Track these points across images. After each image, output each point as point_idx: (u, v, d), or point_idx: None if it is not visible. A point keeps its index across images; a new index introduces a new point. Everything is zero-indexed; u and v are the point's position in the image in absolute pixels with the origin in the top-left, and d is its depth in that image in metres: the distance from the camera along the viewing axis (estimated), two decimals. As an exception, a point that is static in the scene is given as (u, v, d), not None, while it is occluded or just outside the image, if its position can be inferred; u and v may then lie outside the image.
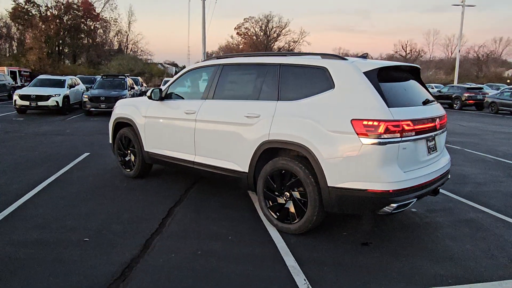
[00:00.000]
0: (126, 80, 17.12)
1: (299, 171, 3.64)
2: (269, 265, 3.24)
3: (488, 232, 3.98)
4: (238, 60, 4.55)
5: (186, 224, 4.07)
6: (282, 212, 3.88)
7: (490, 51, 58.54)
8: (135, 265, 3.20)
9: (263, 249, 3.54)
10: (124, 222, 4.12)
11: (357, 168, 3.33)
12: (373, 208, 3.39)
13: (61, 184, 5.46)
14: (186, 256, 3.37)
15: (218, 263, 3.26)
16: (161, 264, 3.22)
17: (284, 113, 3.80)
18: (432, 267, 3.25)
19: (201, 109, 4.57)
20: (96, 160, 7.01)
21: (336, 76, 3.59)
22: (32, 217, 4.19)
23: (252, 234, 3.85)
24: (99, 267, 3.16)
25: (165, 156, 5.10)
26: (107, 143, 8.68)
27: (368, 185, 3.30)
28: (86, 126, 11.96)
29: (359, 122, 3.31)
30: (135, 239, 3.71)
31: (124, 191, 5.20)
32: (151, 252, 3.43)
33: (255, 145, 3.97)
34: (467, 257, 3.43)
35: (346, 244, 3.67)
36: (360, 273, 3.12)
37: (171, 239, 3.71)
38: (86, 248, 3.50)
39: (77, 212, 4.37)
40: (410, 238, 3.84)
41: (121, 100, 6.32)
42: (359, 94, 3.45)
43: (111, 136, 6.09)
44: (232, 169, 4.26)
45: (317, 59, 3.87)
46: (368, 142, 3.27)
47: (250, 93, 4.26)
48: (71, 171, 6.17)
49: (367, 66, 3.57)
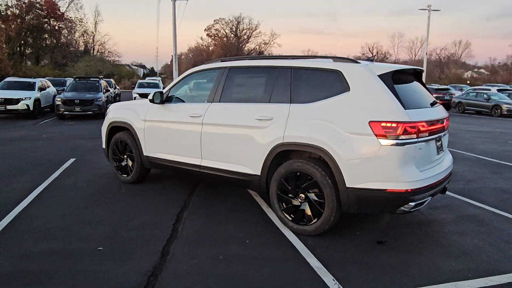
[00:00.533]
0: (101, 82, 16.64)
1: (316, 172, 3.69)
2: (293, 267, 3.26)
3: (491, 227, 4.19)
4: (245, 63, 4.54)
5: (199, 229, 4.02)
6: (297, 214, 3.91)
7: (451, 53, 61.48)
8: (159, 273, 3.13)
9: (283, 251, 3.56)
10: (135, 229, 4.01)
11: (375, 168, 3.42)
12: (392, 208, 3.49)
13: (55, 191, 5.24)
14: (209, 262, 3.33)
15: (243, 267, 3.25)
16: (187, 271, 3.17)
17: (299, 116, 3.83)
18: (448, 262, 3.38)
19: (208, 112, 4.53)
20: (85, 166, 6.77)
21: (351, 79, 3.66)
22: (35, 228, 4.00)
23: (268, 237, 3.86)
24: (123, 277, 3.07)
25: (167, 160, 5.01)
26: (92, 148, 8.46)
27: (387, 185, 3.40)
28: (62, 131, 11.51)
29: (377, 124, 3.40)
30: (151, 246, 3.62)
31: (124, 197, 5.06)
32: (172, 259, 3.37)
33: (268, 148, 3.98)
34: (478, 251, 3.60)
35: (362, 243, 3.75)
36: (384, 271, 3.20)
37: (188, 245, 3.66)
38: (102, 257, 3.39)
39: (81, 221, 4.21)
40: (420, 235, 3.97)
41: (115, 104, 6.15)
42: (375, 96, 3.54)
43: (105, 141, 5.91)
44: (242, 172, 4.24)
45: (329, 62, 3.93)
46: (387, 143, 3.36)
47: (261, 96, 4.27)
48: (61, 178, 5.93)
49: (381, 69, 3.67)
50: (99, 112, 14.75)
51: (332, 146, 3.55)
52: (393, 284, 2.99)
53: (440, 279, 3.09)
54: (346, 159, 3.50)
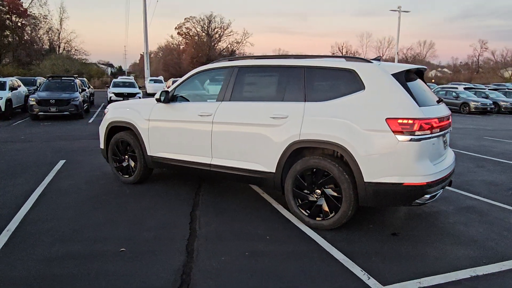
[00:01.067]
0: (76, 81, 16.13)
1: (333, 168, 3.81)
2: (320, 261, 3.36)
3: (491, 217, 4.47)
4: (256, 62, 4.59)
5: (217, 227, 4.05)
6: (313, 209, 4.01)
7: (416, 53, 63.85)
8: (190, 271, 3.15)
9: (305, 246, 3.65)
10: (152, 229, 3.99)
11: (393, 163, 3.58)
12: (408, 200, 3.66)
13: (55, 194, 5.10)
14: (237, 258, 3.38)
15: (271, 262, 3.32)
16: (217, 268, 3.20)
17: (315, 114, 3.94)
18: (461, 250, 3.60)
19: (218, 111, 4.55)
20: (79, 168, 6.60)
21: (366, 78, 3.81)
22: (47, 231, 3.90)
23: (287, 233, 3.95)
24: (155, 276, 3.06)
25: (173, 160, 4.99)
26: (79, 149, 8.24)
27: (404, 179, 3.57)
28: (40, 132, 11.10)
29: (394, 120, 3.56)
30: (174, 245, 3.62)
31: (130, 198, 4.99)
32: (199, 257, 3.39)
33: (283, 145, 4.06)
34: (485, 239, 3.85)
35: (377, 235, 3.91)
36: (405, 261, 3.36)
37: (211, 243, 3.68)
38: (127, 258, 3.36)
39: (93, 223, 4.14)
40: (428, 226, 4.19)
41: (113, 104, 6.04)
42: (390, 94, 3.70)
43: (104, 142, 5.79)
44: (256, 170, 4.31)
45: (342, 61, 4.06)
46: (404, 139, 3.53)
47: (274, 95, 4.35)
48: (57, 180, 5.76)
49: (394, 68, 3.84)
50: (76, 112, 14.34)
51: (350, 143, 3.69)
52: (417, 272, 3.15)
53: (458, 266, 3.28)
54: (364, 155, 3.64)
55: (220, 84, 5.07)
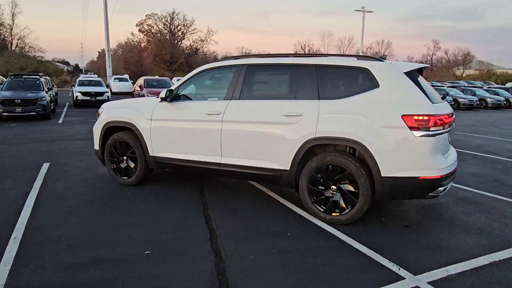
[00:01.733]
0: (41, 80, 15.35)
1: (350, 164, 3.92)
2: (347, 254, 3.45)
3: (487, 206, 4.78)
4: (265, 60, 4.60)
5: (234, 226, 4.04)
6: (329, 205, 4.10)
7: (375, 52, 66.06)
8: (224, 271, 3.13)
9: (327, 240, 3.73)
10: (170, 231, 3.92)
11: (409, 158, 3.74)
12: (423, 193, 3.83)
13: (52, 199, 4.86)
14: (266, 256, 3.40)
15: (300, 258, 3.36)
16: (251, 266, 3.21)
17: (330, 111, 4.02)
18: (473, 239, 3.82)
19: (228, 109, 4.53)
20: (67, 170, 6.31)
21: (380, 76, 3.94)
22: (57, 238, 3.72)
23: (304, 229, 4.01)
24: (189, 277, 3.03)
25: (178, 160, 4.91)
26: (60, 151, 7.88)
27: (420, 172, 3.73)
28: (10, 134, 10.46)
29: (409, 117, 3.72)
30: (198, 245, 3.59)
31: (135, 200, 4.86)
32: (229, 256, 3.37)
33: (298, 143, 4.11)
34: (490, 227, 4.11)
35: (391, 228, 4.06)
36: (426, 252, 3.52)
37: (234, 242, 3.67)
38: (155, 260, 3.29)
39: (104, 227, 4.00)
40: (435, 217, 4.40)
41: (109, 103, 5.83)
42: (404, 92, 3.85)
43: (99, 143, 5.57)
44: (270, 168, 4.33)
45: (354, 60, 4.17)
46: (420, 135, 3.70)
47: (286, 93, 4.39)
48: (49, 184, 5.49)
49: (405, 67, 4.00)
50: (44, 113, 13.66)
51: (367, 139, 3.80)
52: (441, 262, 3.32)
53: (475, 253, 3.49)
54: (381, 151, 3.77)
55: (221, 82, 5.05)
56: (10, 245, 3.56)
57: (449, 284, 2.96)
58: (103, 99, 19.55)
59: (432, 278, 3.05)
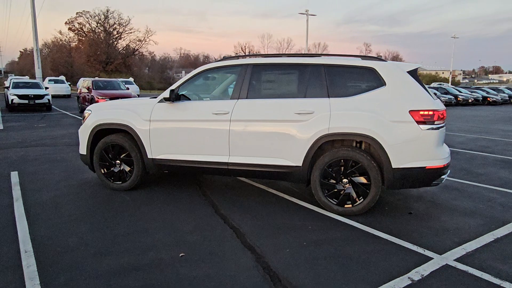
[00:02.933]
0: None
1: (362, 158, 4.16)
2: (371, 241, 3.67)
3: (467, 192, 5.33)
4: (270, 60, 4.69)
5: (254, 224, 4.08)
6: (342, 198, 4.32)
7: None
8: (268, 266, 3.18)
9: (348, 231, 3.93)
10: (192, 232, 3.86)
11: (417, 150, 4.07)
12: (428, 182, 4.19)
13: (43, 208, 4.52)
14: (300, 249, 3.50)
15: (333, 248, 3.52)
16: (291, 259, 3.29)
17: (341, 108, 4.24)
18: (470, 220, 4.26)
19: (236, 109, 4.56)
20: (43, 178, 5.87)
21: (386, 75, 4.23)
22: (75, 247, 3.50)
23: (322, 221, 4.17)
24: (237, 275, 3.04)
25: (182, 161, 4.82)
26: (20, 159, 7.31)
27: (426, 163, 4.08)
28: (-50, 142, 9.39)
29: (416, 112, 4.05)
30: (228, 243, 3.60)
31: (137, 204, 4.68)
32: (265, 252, 3.42)
33: (311, 139, 4.27)
34: (480, 209, 4.60)
35: (398, 215, 4.38)
36: (439, 234, 3.86)
37: (262, 238, 3.73)
38: (194, 262, 3.24)
39: (121, 233, 3.84)
40: (429, 204, 4.82)
41: (96, 105, 5.53)
42: (409, 89, 4.18)
43: (86, 147, 5.27)
44: (281, 165, 4.44)
45: (358, 60, 4.43)
46: (426, 128, 4.05)
47: (295, 92, 4.52)
48: (32, 194, 5.08)
49: (407, 66, 4.34)
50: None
51: (379, 133, 4.08)
52: (455, 241, 3.67)
53: (478, 232, 3.91)
54: (391, 144, 4.07)
55: (217, 82, 5.07)
56: (24, 259, 3.28)
57: (471, 260, 3.30)
58: (43, 102, 18.22)
59: (455, 256, 3.37)
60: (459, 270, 3.13)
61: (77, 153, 7.85)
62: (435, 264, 3.22)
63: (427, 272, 3.08)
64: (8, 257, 3.30)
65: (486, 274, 3.05)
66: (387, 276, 3.02)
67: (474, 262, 3.27)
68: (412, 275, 3.03)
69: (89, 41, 56.48)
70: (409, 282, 2.93)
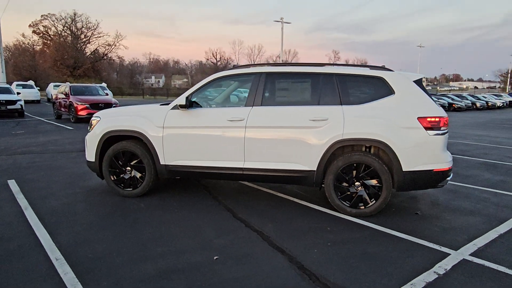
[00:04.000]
0: None
1: (374, 162, 4.42)
2: (390, 240, 3.91)
3: (463, 193, 5.71)
4: (283, 69, 4.88)
5: (275, 227, 4.23)
6: (354, 200, 4.55)
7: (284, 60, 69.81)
8: (301, 265, 3.34)
9: (365, 231, 4.15)
10: (217, 236, 3.96)
11: (425, 154, 4.37)
12: (435, 184, 4.50)
13: (58, 216, 4.48)
14: (326, 248, 3.68)
15: (357, 248, 3.72)
16: (321, 258, 3.47)
17: (354, 115, 4.48)
18: (473, 219, 4.59)
19: (251, 115, 4.70)
20: (47, 186, 5.77)
21: (394, 84, 4.52)
22: (107, 254, 3.53)
23: (337, 223, 4.37)
24: (276, 274, 3.18)
25: (197, 167, 4.90)
26: (11, 167, 7.06)
27: (434, 166, 4.39)
28: None
29: (424, 119, 4.36)
30: (258, 246, 3.73)
31: (153, 211, 4.72)
32: (294, 252, 3.58)
33: (326, 145, 4.48)
34: (477, 209, 4.96)
35: (406, 216, 4.65)
36: (449, 232, 4.16)
37: (288, 240, 3.88)
38: (230, 264, 3.35)
39: (147, 238, 3.88)
40: (431, 205, 5.14)
41: (106, 111, 5.50)
42: (417, 98, 4.49)
43: (95, 154, 5.24)
44: (296, 170, 4.62)
45: (367, 70, 4.71)
46: (433, 134, 4.36)
47: (308, 99, 4.73)
48: (39, 202, 5.00)
49: (413, 76, 4.65)
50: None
51: (390, 139, 4.35)
52: (465, 238, 3.98)
53: (483, 229, 4.24)
54: (402, 148, 4.34)
55: (223, 90, 5.22)
56: (58, 266, 3.28)
57: (484, 254, 3.60)
58: (16, 108, 17.58)
59: (469, 251, 3.67)
60: (476, 264, 3.41)
61: (72, 159, 7.76)
62: (453, 259, 3.49)
63: (449, 267, 3.34)
64: (40, 265, 3.28)
65: (502, 266, 3.35)
66: (414, 271, 3.26)
67: (488, 256, 3.57)
68: (436, 269, 3.28)
69: (55, 45, 54.67)
70: (436, 276, 3.17)
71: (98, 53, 58.25)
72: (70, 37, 56.96)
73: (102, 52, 57.91)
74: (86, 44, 57.81)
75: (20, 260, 3.36)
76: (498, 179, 6.69)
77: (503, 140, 12.53)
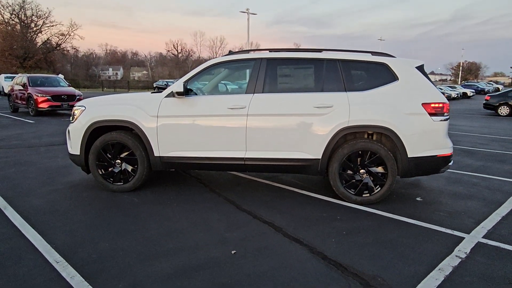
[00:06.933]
0: None
1: (380, 149, 4.38)
2: (404, 227, 3.88)
3: (454, 179, 5.84)
4: (284, 54, 4.69)
5: (284, 218, 4.08)
6: (360, 188, 4.50)
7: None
8: (324, 255, 3.23)
9: (375, 219, 4.09)
10: (228, 229, 3.76)
11: (429, 139, 4.38)
12: (438, 169, 4.53)
13: (44, 215, 4.08)
14: (344, 237, 3.59)
15: (372, 235, 3.66)
16: (340, 247, 3.37)
17: (359, 102, 4.40)
18: (472, 203, 4.68)
19: (253, 103, 4.51)
20: (23, 183, 5.27)
21: (397, 70, 4.49)
22: (114, 254, 3.24)
23: (344, 212, 4.30)
24: (301, 265, 3.04)
25: (195, 158, 4.64)
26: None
27: (437, 151, 4.42)
28: None
29: (428, 105, 4.36)
30: (273, 238, 3.57)
31: (150, 206, 4.42)
32: (313, 243, 3.46)
33: (331, 132, 4.38)
34: (474, 194, 5.08)
35: (410, 202, 4.67)
36: (455, 216, 4.21)
37: (301, 230, 3.75)
38: (250, 258, 3.17)
39: (153, 235, 3.61)
40: (429, 190, 5.20)
41: (90, 100, 5.05)
42: (420, 84, 4.48)
43: (80, 146, 4.82)
44: (300, 158, 4.49)
45: (369, 55, 4.64)
46: (437, 120, 4.37)
47: (312, 86, 4.59)
48: (18, 200, 4.55)
49: (415, 62, 4.64)
50: None
51: (396, 125, 4.32)
52: (472, 222, 4.04)
53: (485, 213, 4.33)
54: (407, 134, 4.33)
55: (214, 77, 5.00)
56: (61, 269, 2.95)
57: (495, 236, 3.66)
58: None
59: (481, 234, 3.72)
60: (492, 246, 3.45)
61: (42, 154, 7.19)
62: (469, 242, 3.52)
63: (468, 250, 3.36)
64: (41, 269, 2.94)
65: (517, 247, 3.42)
66: (436, 256, 3.24)
67: (499, 238, 3.63)
68: (457, 253, 3.29)
69: (2, 34, 50.85)
70: (459, 260, 3.17)
71: (50, 44, 54.93)
72: (18, 25, 53.24)
73: (55, 42, 54.66)
74: (37, 33, 54.30)
75: (16, 264, 2.99)
76: (479, 164, 6.94)
77: (469, 129, 13.13)
